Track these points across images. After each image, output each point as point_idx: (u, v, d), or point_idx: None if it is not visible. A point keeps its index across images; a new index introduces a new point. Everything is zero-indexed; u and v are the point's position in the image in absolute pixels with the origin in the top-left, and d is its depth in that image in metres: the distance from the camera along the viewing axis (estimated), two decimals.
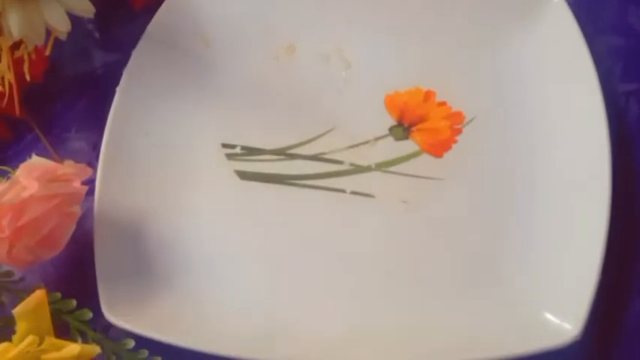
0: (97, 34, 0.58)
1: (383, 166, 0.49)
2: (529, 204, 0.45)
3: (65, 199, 0.43)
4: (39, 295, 0.39)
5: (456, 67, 0.51)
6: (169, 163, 0.50)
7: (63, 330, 0.43)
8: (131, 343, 0.43)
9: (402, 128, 0.50)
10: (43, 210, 0.42)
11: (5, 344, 0.37)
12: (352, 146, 0.50)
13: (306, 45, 0.53)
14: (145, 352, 0.43)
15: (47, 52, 0.48)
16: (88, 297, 0.44)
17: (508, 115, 0.49)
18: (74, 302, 0.44)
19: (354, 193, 0.48)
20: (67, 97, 0.55)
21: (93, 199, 0.47)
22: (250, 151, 0.50)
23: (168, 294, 0.45)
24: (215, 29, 0.53)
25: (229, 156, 0.50)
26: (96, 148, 0.50)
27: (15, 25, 0.43)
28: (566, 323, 0.39)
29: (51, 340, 0.38)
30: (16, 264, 0.43)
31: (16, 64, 0.48)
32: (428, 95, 0.51)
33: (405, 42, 0.52)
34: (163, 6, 0.52)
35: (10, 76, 0.47)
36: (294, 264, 0.45)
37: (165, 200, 0.48)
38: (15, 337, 0.38)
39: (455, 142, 0.49)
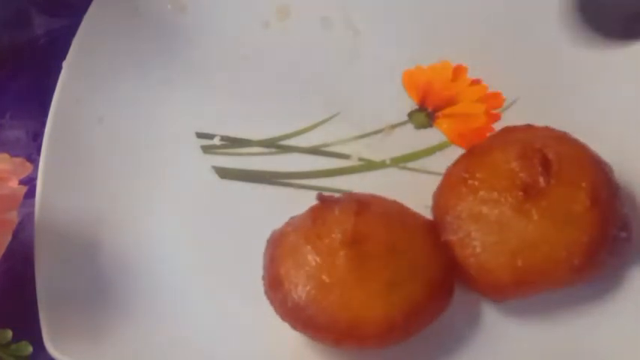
0: None
1: (401, 162, 0.47)
2: None
3: None
4: None
5: (493, 35, 0.49)
6: (129, 158, 0.48)
7: None
8: None
9: (425, 113, 0.48)
10: None
11: None
12: (361, 136, 0.48)
13: (302, 6, 0.52)
14: None
15: None
16: (28, 327, 0.42)
17: (558, 97, 0.47)
18: (10, 333, 0.42)
19: None
20: (0, 74, 0.54)
21: (33, 203, 0.45)
22: (233, 143, 0.48)
23: (128, 323, 0.42)
24: None
25: (206, 148, 0.48)
26: (37, 138, 0.49)
27: None
28: None
29: None
30: None
31: None
32: (457, 71, 0.49)
33: (428, 2, 0.51)
34: None
35: None
36: None
37: (124, 205, 0.46)
38: None
39: (491, 131, 0.47)
